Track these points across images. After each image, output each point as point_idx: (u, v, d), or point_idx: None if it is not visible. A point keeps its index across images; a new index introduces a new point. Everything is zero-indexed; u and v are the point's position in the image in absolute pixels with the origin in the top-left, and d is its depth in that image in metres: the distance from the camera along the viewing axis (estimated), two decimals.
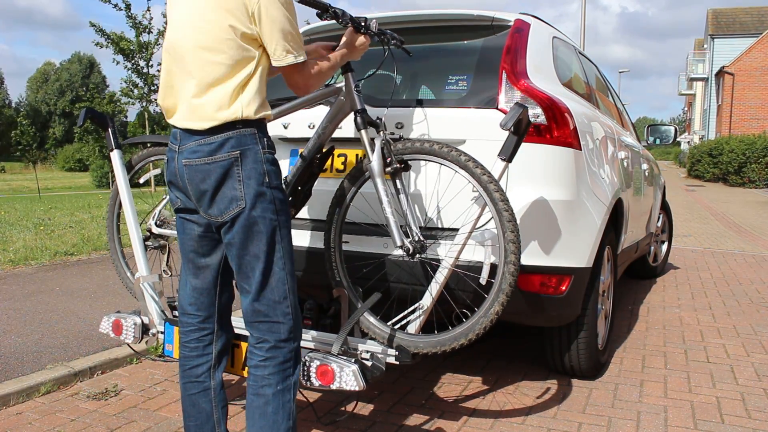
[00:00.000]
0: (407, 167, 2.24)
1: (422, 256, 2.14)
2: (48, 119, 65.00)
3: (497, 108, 2.47)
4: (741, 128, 28.48)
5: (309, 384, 2.04)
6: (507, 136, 2.18)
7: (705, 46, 37.78)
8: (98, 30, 16.17)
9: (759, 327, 3.98)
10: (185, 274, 1.96)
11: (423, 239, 2.14)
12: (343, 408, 2.67)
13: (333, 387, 2.00)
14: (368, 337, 2.29)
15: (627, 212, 3.48)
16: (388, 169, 2.18)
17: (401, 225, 2.13)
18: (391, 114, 2.54)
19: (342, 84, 2.30)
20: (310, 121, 2.67)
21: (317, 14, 2.15)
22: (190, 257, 1.93)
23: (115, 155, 2.58)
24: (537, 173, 2.49)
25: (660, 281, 5.44)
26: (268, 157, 1.80)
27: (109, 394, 2.82)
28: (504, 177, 2.39)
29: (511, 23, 2.73)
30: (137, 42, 16.24)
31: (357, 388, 1.98)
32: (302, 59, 1.81)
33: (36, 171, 21.83)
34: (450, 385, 2.94)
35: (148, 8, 16.44)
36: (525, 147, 2.40)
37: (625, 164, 3.55)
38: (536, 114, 2.45)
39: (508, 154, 2.18)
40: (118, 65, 16.83)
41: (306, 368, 2.04)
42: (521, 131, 2.16)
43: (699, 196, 16.05)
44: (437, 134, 2.49)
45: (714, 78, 33.65)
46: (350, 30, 2.14)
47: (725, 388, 2.95)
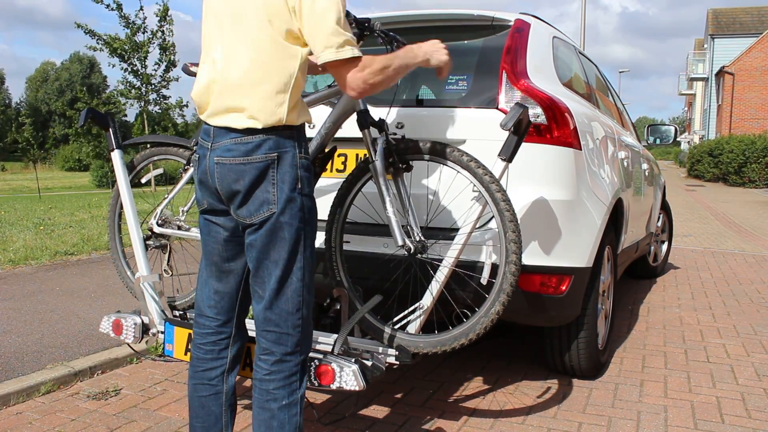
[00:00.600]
0: (409, 167, 2.24)
1: (423, 256, 2.14)
2: (48, 119, 65.01)
3: (497, 108, 2.47)
4: (741, 128, 28.47)
5: (309, 384, 2.04)
6: (507, 136, 2.18)
7: (705, 46, 37.79)
8: (87, 31, 16.15)
9: (759, 327, 3.98)
10: (206, 276, 1.90)
11: (424, 239, 2.14)
12: (343, 407, 2.67)
13: (333, 387, 2.00)
14: (368, 337, 2.30)
15: (627, 212, 3.48)
16: (390, 169, 2.18)
17: (402, 225, 2.13)
18: (392, 114, 2.54)
19: None
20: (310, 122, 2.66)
21: None
22: (215, 260, 1.86)
23: (116, 155, 2.58)
24: (537, 173, 2.49)
25: (660, 281, 5.44)
26: (304, 163, 1.74)
27: (109, 394, 2.82)
28: (504, 177, 2.39)
29: (511, 23, 2.73)
30: (130, 41, 16.22)
31: (357, 388, 1.97)
32: (351, 55, 1.66)
33: (36, 171, 21.83)
34: (450, 385, 2.94)
35: (141, 8, 16.43)
36: (525, 147, 2.40)
37: (625, 164, 3.55)
38: (536, 114, 2.45)
39: (509, 154, 2.18)
40: (114, 68, 16.85)
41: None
42: (521, 131, 2.16)
43: (699, 196, 16.05)
44: (437, 134, 2.49)
45: (714, 78, 33.65)
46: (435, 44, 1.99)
47: (725, 388, 2.95)
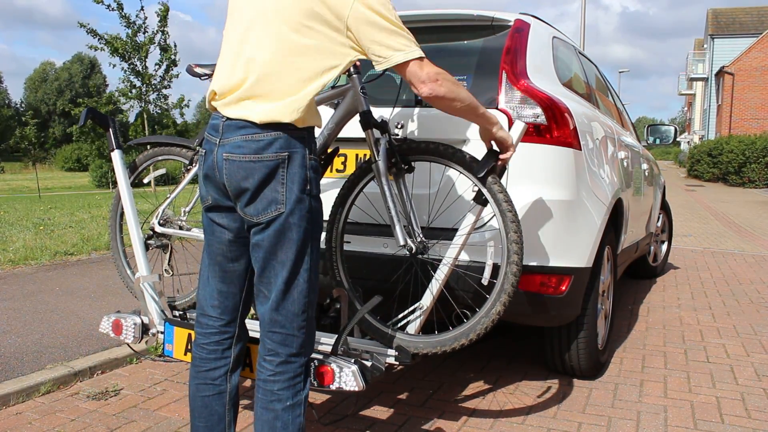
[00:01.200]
0: (411, 168, 2.24)
1: (424, 256, 2.14)
2: (48, 119, 65.03)
3: (497, 108, 2.47)
4: (741, 128, 28.48)
5: (309, 388, 2.03)
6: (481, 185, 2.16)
7: (705, 46, 37.79)
8: (89, 31, 16.18)
9: (759, 327, 3.98)
10: (209, 276, 1.88)
11: (425, 239, 2.14)
12: (344, 407, 2.67)
13: (332, 387, 1.99)
14: (368, 338, 2.30)
15: (627, 212, 3.48)
16: (393, 170, 2.19)
17: (404, 225, 2.13)
18: (392, 114, 2.55)
19: (348, 85, 2.31)
20: None
21: None
22: (218, 260, 1.85)
23: (116, 155, 2.58)
24: (537, 173, 2.49)
25: (660, 281, 5.44)
26: (313, 164, 1.73)
27: (109, 394, 2.82)
28: (504, 177, 2.39)
29: (511, 23, 2.73)
30: (131, 41, 16.24)
31: (356, 389, 1.97)
32: (417, 55, 1.70)
33: (36, 171, 21.84)
34: (450, 385, 2.94)
35: (142, 8, 16.47)
36: (525, 147, 2.40)
37: (625, 164, 3.55)
38: (536, 114, 2.45)
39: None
40: (115, 68, 16.97)
41: None
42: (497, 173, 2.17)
43: (699, 196, 16.05)
44: (438, 134, 2.49)
45: (714, 78, 33.66)
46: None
47: (725, 388, 2.95)
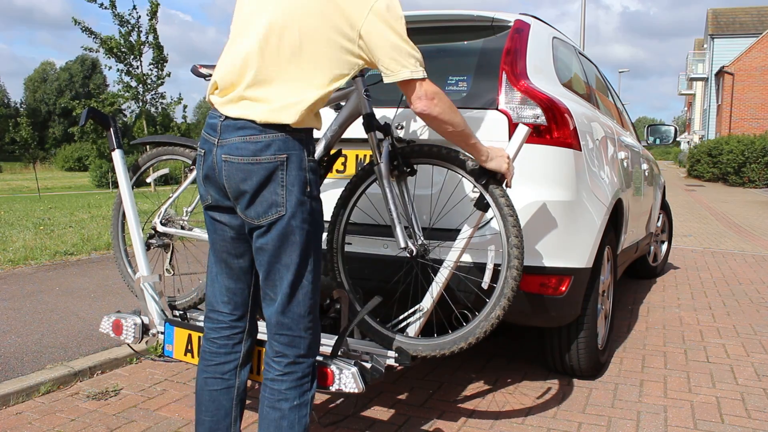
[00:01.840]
0: (413, 171, 2.25)
1: (425, 259, 2.14)
2: (47, 119, 65.01)
3: (497, 109, 2.47)
4: (741, 128, 28.48)
5: (315, 389, 2.03)
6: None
7: (705, 46, 37.78)
8: (84, 29, 16.21)
9: (759, 327, 3.98)
10: (217, 273, 1.89)
11: (426, 242, 2.14)
12: (344, 407, 2.67)
13: (332, 389, 1.99)
14: (367, 339, 2.30)
15: (627, 212, 3.48)
16: (395, 172, 2.19)
17: (405, 227, 2.13)
18: (393, 115, 2.55)
19: (351, 88, 2.31)
20: None
21: None
22: (223, 257, 1.85)
23: (117, 155, 2.58)
24: (537, 174, 2.49)
25: (660, 281, 5.44)
26: (312, 165, 1.73)
27: (109, 394, 2.82)
28: None
29: (511, 24, 2.73)
30: (125, 41, 16.26)
31: (356, 390, 1.97)
32: (421, 75, 1.75)
33: (36, 171, 21.83)
34: (450, 385, 2.94)
35: (134, 6, 16.52)
36: (525, 147, 2.40)
37: (625, 164, 3.55)
38: (536, 115, 2.45)
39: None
40: (111, 69, 17.13)
41: None
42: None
43: (699, 196, 16.05)
44: (438, 135, 2.49)
45: (714, 78, 33.65)
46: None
47: (725, 388, 2.95)
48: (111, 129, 2.58)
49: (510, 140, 2.21)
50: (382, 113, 2.51)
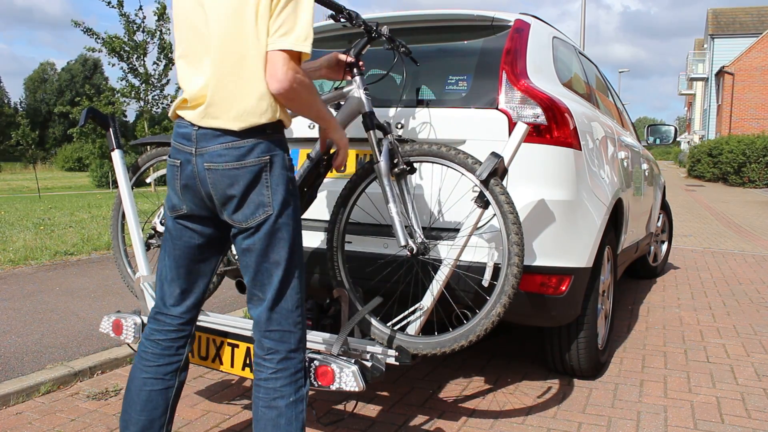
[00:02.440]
0: (413, 169, 2.25)
1: (425, 257, 2.14)
2: (48, 119, 65.01)
3: (497, 108, 2.47)
4: (741, 128, 28.47)
5: (309, 384, 2.04)
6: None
7: (705, 46, 37.79)
8: (85, 30, 16.21)
9: (759, 327, 3.98)
10: (173, 277, 1.89)
11: (426, 240, 2.15)
12: (343, 407, 2.67)
13: (333, 387, 2.00)
14: (368, 338, 2.30)
15: (627, 212, 3.48)
16: (395, 171, 2.19)
17: (405, 225, 2.14)
18: (393, 114, 2.55)
19: (352, 87, 2.31)
20: (310, 122, 2.67)
21: (331, 15, 2.16)
22: (184, 263, 1.86)
23: (116, 155, 2.59)
24: (537, 173, 2.48)
25: (660, 281, 5.44)
26: (290, 164, 1.77)
27: (109, 394, 2.82)
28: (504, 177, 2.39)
29: (511, 23, 2.73)
30: (130, 40, 16.25)
31: (357, 389, 1.98)
32: (302, 50, 1.65)
33: (36, 171, 21.83)
34: (450, 385, 2.94)
35: (140, 7, 16.52)
36: (525, 147, 2.40)
37: (625, 164, 3.55)
38: (536, 114, 2.45)
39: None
40: (114, 67, 17.13)
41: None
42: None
43: (699, 196, 16.05)
44: (437, 134, 2.50)
45: (714, 78, 33.65)
46: (336, 57, 2.24)
47: (725, 388, 2.95)
48: (110, 129, 2.58)
49: (508, 139, 2.21)
50: (382, 112, 2.52)
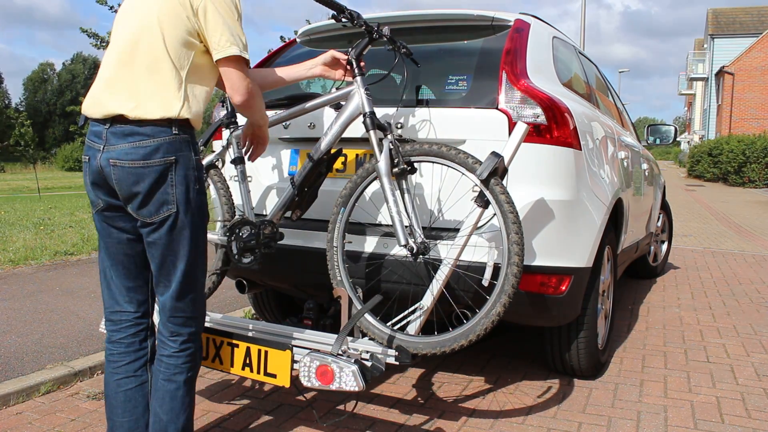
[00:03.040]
0: (413, 169, 2.25)
1: (426, 257, 2.15)
2: (48, 119, 65.01)
3: (497, 108, 2.47)
4: (741, 128, 28.47)
5: (309, 384, 2.04)
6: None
7: (705, 46, 37.78)
8: (91, 35, 16.24)
9: (759, 327, 3.98)
10: (114, 275, 1.96)
11: (426, 240, 2.15)
12: (343, 407, 2.67)
13: (332, 387, 2.00)
14: (368, 338, 2.30)
15: (627, 212, 3.48)
16: (395, 170, 2.19)
17: (405, 225, 2.14)
18: (393, 114, 2.55)
19: (353, 87, 2.31)
20: (310, 121, 2.67)
21: (332, 15, 2.17)
22: (120, 259, 1.93)
23: None
24: (537, 173, 2.48)
25: (660, 281, 5.44)
26: (197, 164, 1.86)
27: None
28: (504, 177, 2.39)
29: (511, 23, 2.73)
30: None
31: (356, 389, 1.98)
32: (245, 55, 1.84)
33: (36, 171, 21.82)
34: (450, 385, 2.94)
35: None
36: (525, 147, 2.40)
37: (625, 164, 3.55)
38: (536, 114, 2.45)
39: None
40: None
41: (306, 368, 2.04)
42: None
43: (699, 196, 16.05)
44: (437, 134, 2.49)
45: (714, 78, 33.65)
46: (332, 56, 2.29)
47: (725, 388, 2.95)
48: None
49: (508, 138, 2.21)
50: (383, 112, 2.52)
